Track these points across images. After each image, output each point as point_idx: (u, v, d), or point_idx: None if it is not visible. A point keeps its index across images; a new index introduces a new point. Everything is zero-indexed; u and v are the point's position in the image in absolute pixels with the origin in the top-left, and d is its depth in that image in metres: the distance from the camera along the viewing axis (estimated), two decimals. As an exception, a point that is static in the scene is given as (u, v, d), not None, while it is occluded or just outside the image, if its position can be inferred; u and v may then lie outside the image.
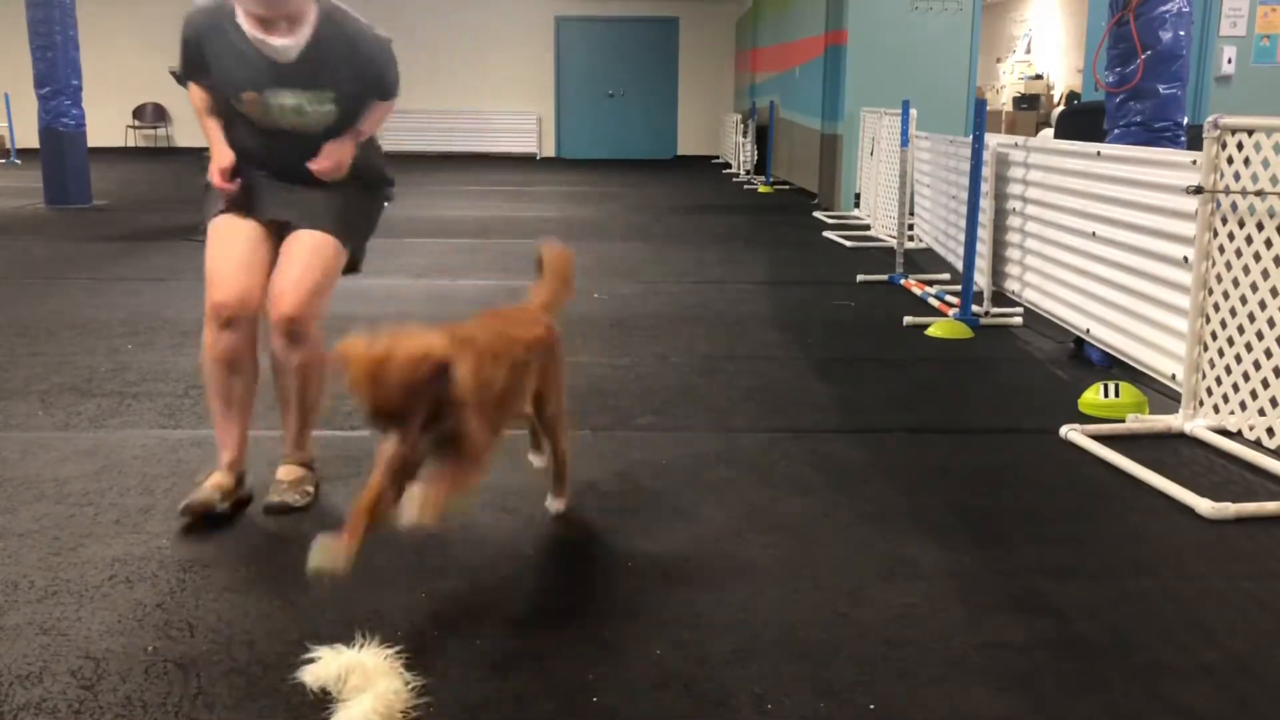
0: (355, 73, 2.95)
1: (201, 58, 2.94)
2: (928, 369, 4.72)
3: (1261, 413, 3.38)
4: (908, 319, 5.61)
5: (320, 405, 3.08)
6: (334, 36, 2.90)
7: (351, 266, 3.16)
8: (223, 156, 2.96)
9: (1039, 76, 17.33)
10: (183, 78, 3.03)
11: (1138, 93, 4.56)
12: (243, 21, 2.85)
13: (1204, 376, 3.66)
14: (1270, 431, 3.35)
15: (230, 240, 2.97)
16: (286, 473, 3.05)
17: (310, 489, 3.05)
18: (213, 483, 2.93)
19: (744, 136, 15.68)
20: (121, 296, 6.08)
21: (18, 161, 16.82)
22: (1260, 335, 3.36)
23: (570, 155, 20.25)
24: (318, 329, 2.99)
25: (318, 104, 2.94)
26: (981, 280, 5.64)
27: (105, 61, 19.26)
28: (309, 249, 2.98)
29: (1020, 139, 5.42)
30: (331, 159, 2.97)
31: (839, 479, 3.31)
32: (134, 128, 20.39)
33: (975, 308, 5.58)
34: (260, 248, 2.99)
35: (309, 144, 2.98)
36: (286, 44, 2.85)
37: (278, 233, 3.02)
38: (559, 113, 20.33)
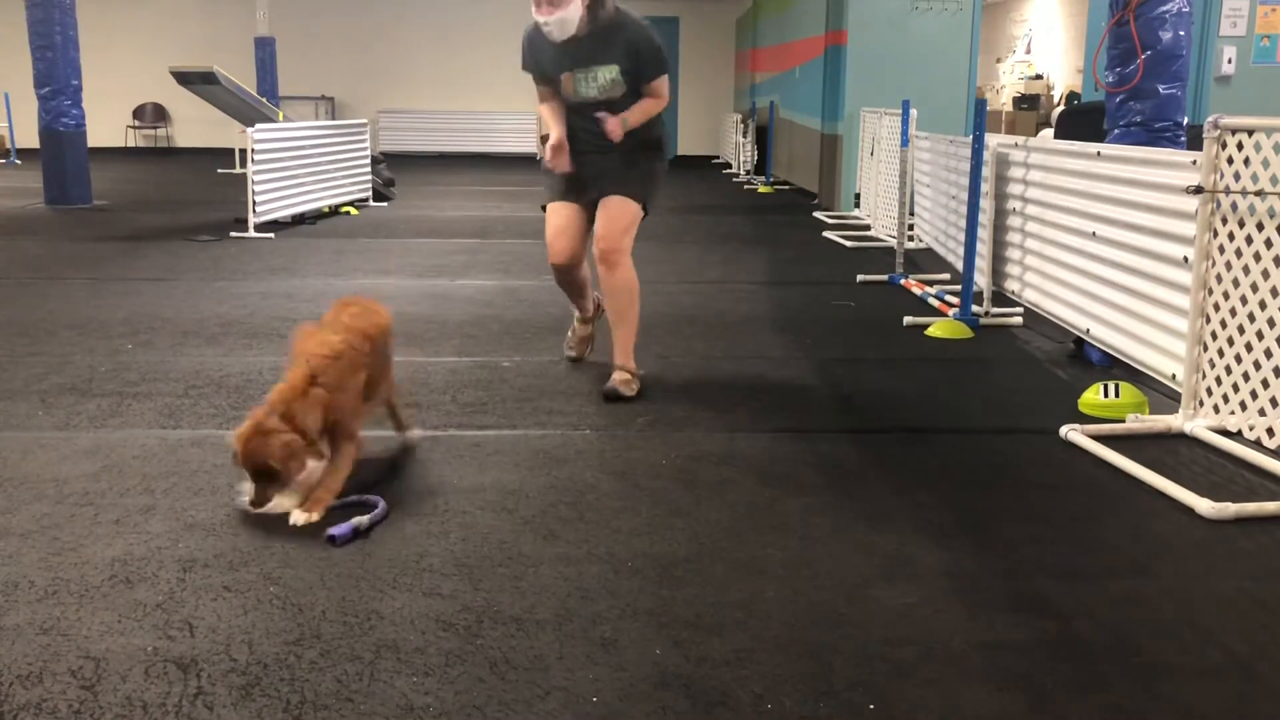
0: (627, 49, 4.00)
1: (534, 59, 4.18)
2: (928, 369, 4.72)
3: (1261, 413, 3.38)
4: (908, 319, 5.61)
5: (635, 320, 4.26)
6: (604, 21, 3.97)
7: (645, 212, 4.28)
8: (556, 135, 4.14)
9: (1039, 76, 17.34)
10: (531, 73, 4.24)
11: (1138, 93, 4.56)
12: (537, 16, 3.93)
13: (1204, 376, 3.66)
14: (1270, 431, 3.35)
15: (558, 217, 4.30)
16: (617, 377, 4.18)
17: (636, 387, 4.18)
18: (579, 337, 4.71)
19: (744, 136, 15.68)
20: (121, 296, 6.08)
21: (18, 161, 16.82)
22: (1260, 335, 3.36)
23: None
24: (628, 259, 4.22)
25: (607, 74, 4.05)
26: (981, 280, 5.64)
27: (105, 61, 19.27)
28: (616, 205, 4.19)
29: (1020, 139, 5.42)
30: (614, 122, 4.04)
31: (839, 479, 3.31)
32: (134, 128, 20.40)
33: (975, 308, 5.59)
34: (578, 218, 4.31)
35: (607, 108, 4.10)
36: (548, 20, 3.89)
37: (591, 203, 4.28)
38: (559, 113, 20.30)
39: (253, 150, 8.60)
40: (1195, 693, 2.11)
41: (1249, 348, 3.41)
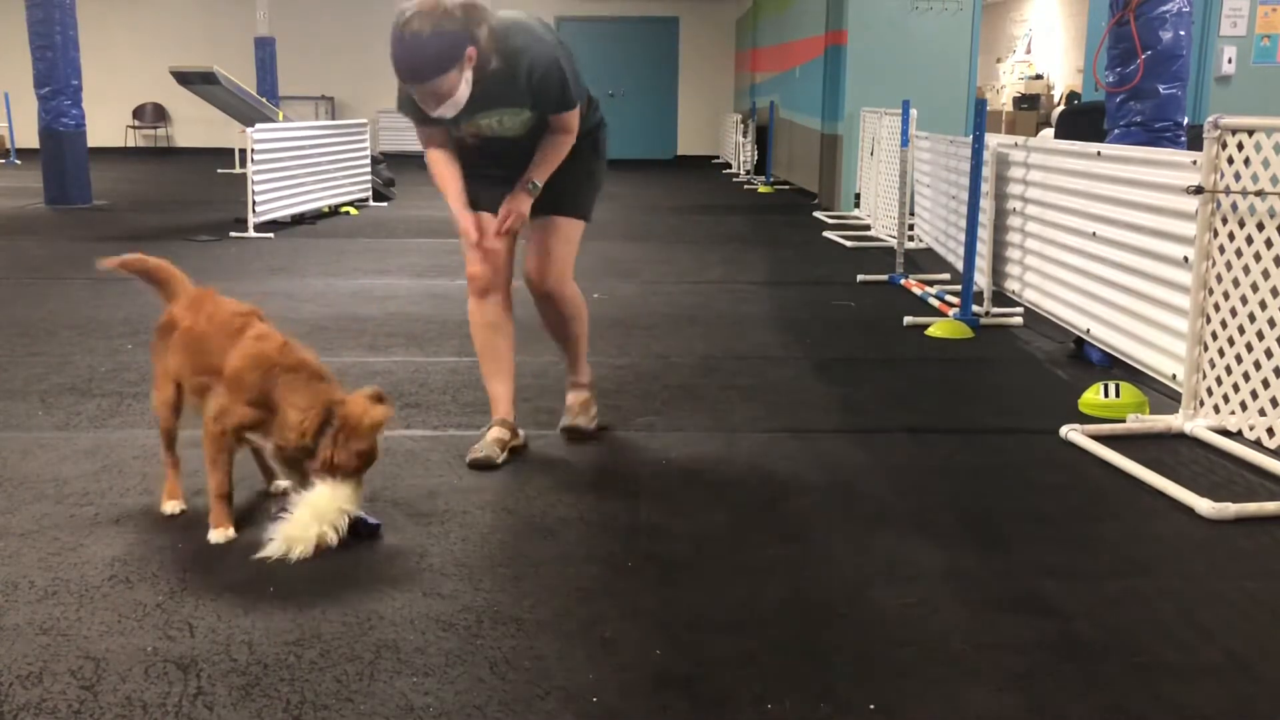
0: (529, 84, 3.19)
1: (417, 108, 3.24)
2: (928, 369, 4.72)
3: (1262, 413, 3.38)
4: (908, 319, 5.61)
5: (584, 335, 3.70)
6: (503, 65, 3.14)
7: (588, 220, 3.60)
8: (468, 218, 3.36)
9: (1039, 76, 17.34)
10: (413, 119, 3.35)
11: (1138, 93, 4.56)
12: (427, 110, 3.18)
13: (1204, 376, 3.66)
14: (1270, 431, 3.35)
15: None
16: (573, 401, 3.72)
17: (594, 412, 3.74)
18: (493, 437, 3.44)
19: (744, 136, 15.69)
20: (121, 296, 6.08)
21: (18, 161, 16.83)
22: (1260, 335, 3.36)
23: (570, 155, 20.23)
24: (571, 284, 3.57)
25: (517, 118, 3.28)
26: (981, 280, 5.64)
27: (105, 61, 19.27)
28: (557, 234, 3.51)
29: (1020, 139, 5.42)
30: (513, 216, 3.36)
31: (839, 479, 3.31)
32: (134, 128, 20.40)
33: (975, 308, 5.59)
34: (507, 242, 3.51)
35: (521, 142, 3.36)
36: (440, 112, 3.13)
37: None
38: (559, 113, 20.32)
39: (253, 150, 8.60)
40: (1195, 693, 2.10)
41: (1249, 348, 3.41)
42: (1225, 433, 3.60)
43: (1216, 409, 3.61)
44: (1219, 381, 3.58)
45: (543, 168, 3.33)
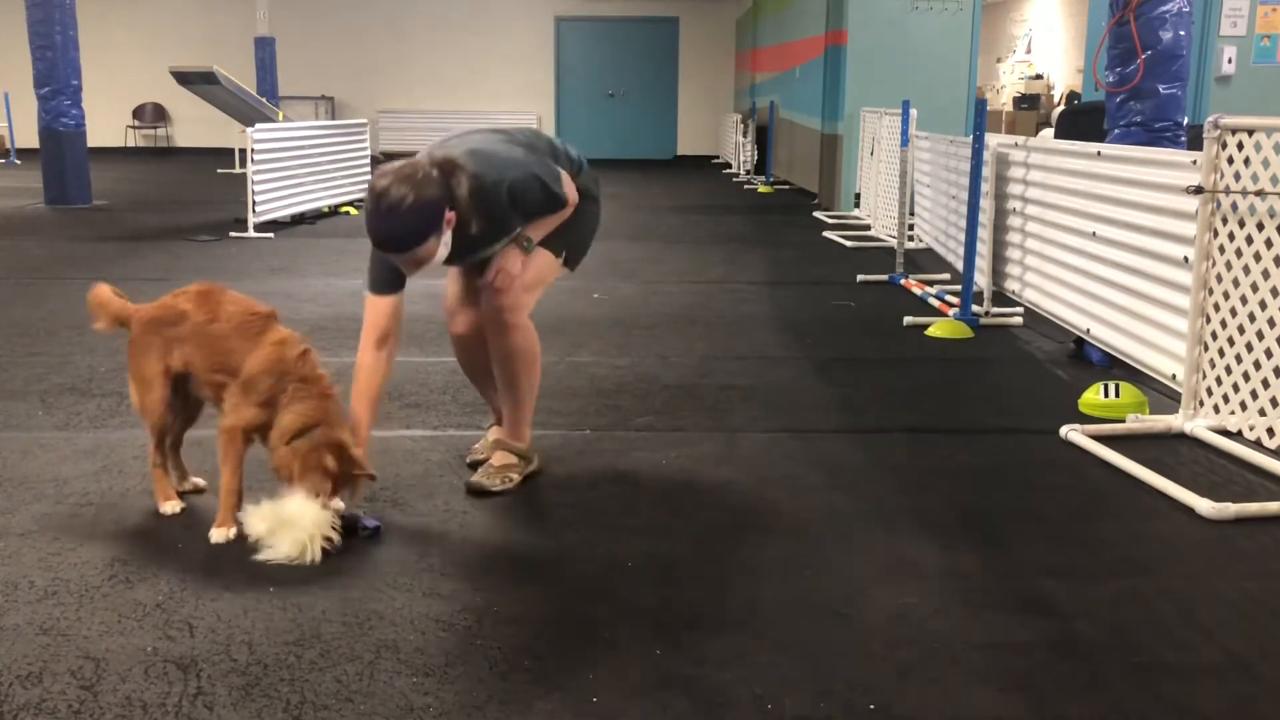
0: (518, 210, 3.05)
1: (387, 271, 2.99)
2: (928, 369, 4.72)
3: (1262, 413, 3.38)
4: (908, 319, 5.61)
5: (532, 389, 3.27)
6: (484, 216, 2.97)
7: (569, 265, 3.29)
8: (365, 431, 2.96)
9: (1039, 76, 17.34)
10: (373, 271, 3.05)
11: (1138, 93, 4.56)
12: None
13: (1204, 376, 3.66)
14: (1270, 431, 3.35)
15: (459, 279, 3.33)
16: (494, 460, 3.27)
17: (517, 476, 3.22)
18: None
19: (744, 136, 15.68)
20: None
21: (18, 161, 16.82)
22: (1260, 335, 3.36)
23: (570, 155, 20.22)
24: (525, 318, 3.18)
25: (498, 248, 3.13)
26: (981, 280, 5.64)
27: (105, 61, 19.26)
28: (520, 254, 3.16)
29: (1020, 139, 5.42)
30: (502, 274, 3.11)
31: (839, 479, 3.31)
32: (134, 128, 20.39)
33: (975, 308, 5.59)
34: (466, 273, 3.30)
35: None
36: (437, 261, 2.93)
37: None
38: (559, 113, 20.34)
39: (252, 150, 8.60)
40: (1195, 693, 2.11)
41: (1249, 348, 3.41)
42: (1225, 433, 3.60)
43: (1216, 409, 3.61)
44: (1219, 381, 3.58)
45: (539, 228, 3.16)
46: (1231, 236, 3.48)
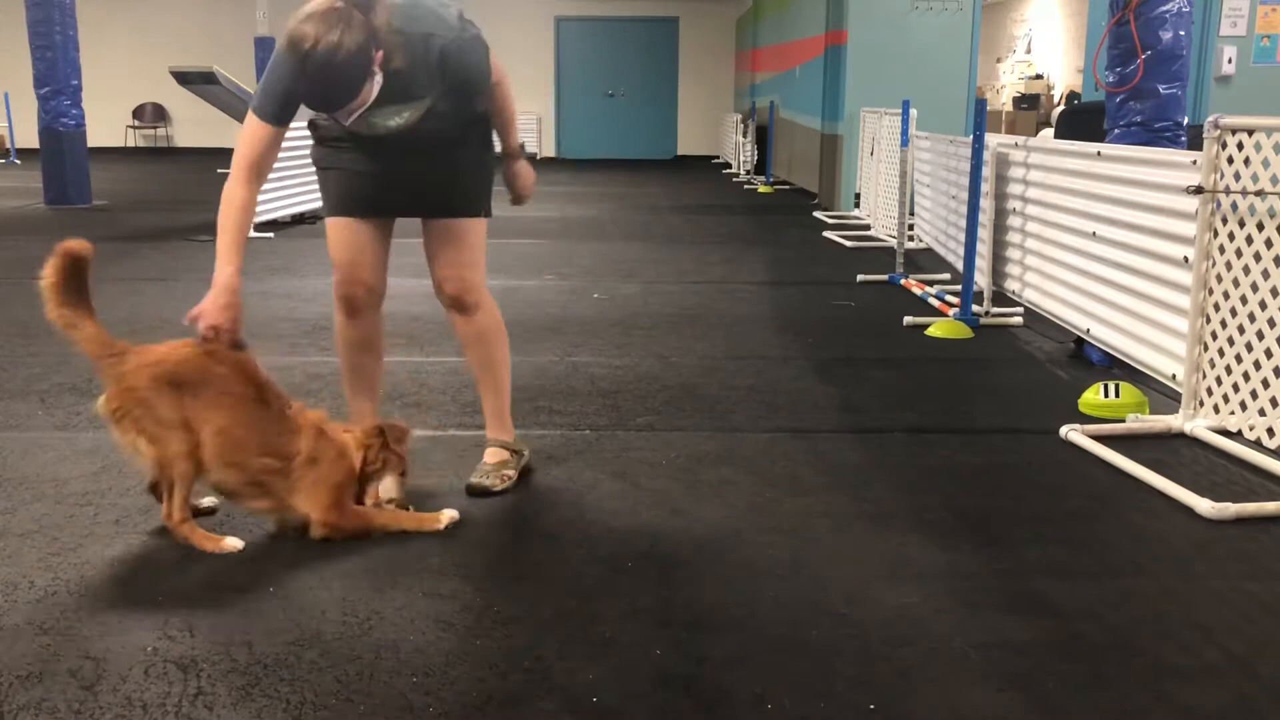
0: (444, 73, 2.82)
1: (286, 97, 2.79)
2: (928, 369, 4.72)
3: (1261, 413, 3.38)
4: (908, 319, 5.61)
5: (506, 373, 3.27)
6: (407, 57, 2.74)
7: (485, 214, 3.20)
8: (227, 277, 2.99)
9: (1039, 76, 17.34)
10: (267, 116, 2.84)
11: (1138, 93, 4.55)
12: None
13: (1204, 376, 3.66)
14: (1270, 431, 3.34)
15: (353, 237, 3.15)
16: (489, 458, 3.24)
17: (513, 471, 3.21)
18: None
19: (744, 136, 15.69)
20: (121, 296, 6.08)
21: (18, 161, 16.83)
22: (1260, 335, 3.36)
23: (570, 155, 20.25)
24: (486, 295, 3.17)
25: (416, 110, 2.86)
26: (981, 280, 5.64)
27: (105, 61, 19.27)
28: (460, 233, 3.13)
29: (1020, 139, 5.42)
30: (528, 190, 3.21)
31: (839, 479, 3.31)
32: (134, 128, 20.40)
33: (975, 308, 5.59)
34: (379, 241, 3.20)
35: (406, 135, 2.92)
36: (367, 101, 2.72)
37: (393, 219, 3.19)
38: (559, 113, 20.34)
39: (253, 150, 8.58)
40: (1195, 693, 2.11)
41: (1249, 348, 3.41)
42: (1225, 433, 3.60)
43: (1216, 409, 3.61)
44: (1219, 381, 3.58)
45: (513, 125, 3.12)
46: (1231, 236, 3.48)
